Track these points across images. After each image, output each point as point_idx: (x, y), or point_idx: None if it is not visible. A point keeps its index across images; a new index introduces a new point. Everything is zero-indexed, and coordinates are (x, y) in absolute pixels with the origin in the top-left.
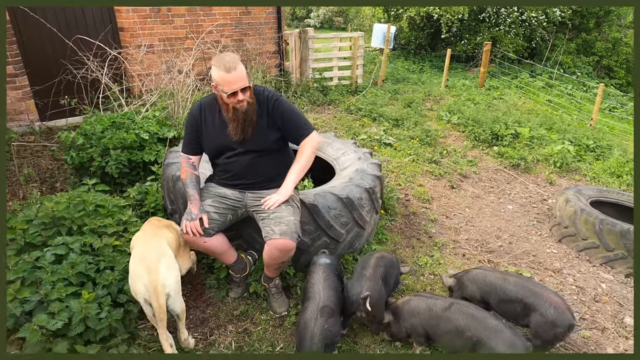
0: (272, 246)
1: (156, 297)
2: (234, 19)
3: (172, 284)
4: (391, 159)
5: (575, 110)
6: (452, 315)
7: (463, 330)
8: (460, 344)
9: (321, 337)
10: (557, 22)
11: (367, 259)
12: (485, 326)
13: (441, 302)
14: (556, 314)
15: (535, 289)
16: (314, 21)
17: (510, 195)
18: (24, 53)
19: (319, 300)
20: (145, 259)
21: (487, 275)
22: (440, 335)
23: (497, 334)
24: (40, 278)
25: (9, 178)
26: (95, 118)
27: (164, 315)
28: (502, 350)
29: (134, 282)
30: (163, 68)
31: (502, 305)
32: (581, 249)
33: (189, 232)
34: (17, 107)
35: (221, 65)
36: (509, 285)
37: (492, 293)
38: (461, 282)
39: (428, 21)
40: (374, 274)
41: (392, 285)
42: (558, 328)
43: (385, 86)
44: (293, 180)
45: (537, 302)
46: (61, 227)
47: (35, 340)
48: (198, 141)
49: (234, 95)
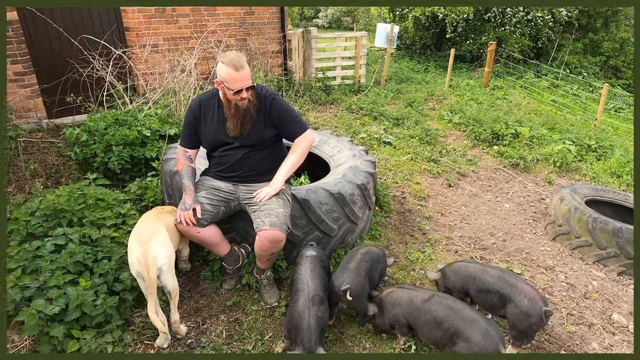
0: (262, 237)
1: (147, 269)
2: (238, 18)
3: (164, 259)
4: (389, 157)
5: (579, 110)
6: (431, 307)
7: (441, 322)
8: (439, 334)
9: (317, 325)
10: (564, 21)
11: (354, 253)
12: (462, 317)
13: (422, 293)
14: (529, 304)
15: (510, 280)
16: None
17: (508, 194)
18: (33, 52)
19: (308, 291)
20: (140, 234)
21: (469, 267)
22: (421, 325)
23: (472, 323)
24: (40, 266)
25: (16, 173)
26: (99, 115)
27: (154, 288)
28: (477, 339)
29: (129, 255)
30: (167, 67)
31: (480, 295)
32: (574, 247)
33: (183, 222)
34: (25, 104)
35: (230, 63)
36: (487, 276)
37: (472, 284)
38: (444, 273)
39: (433, 21)
40: (357, 267)
41: (376, 279)
42: (532, 318)
43: (388, 86)
44: (284, 174)
45: (512, 293)
46: (62, 218)
47: (32, 324)
48: (195, 135)
49: (239, 93)
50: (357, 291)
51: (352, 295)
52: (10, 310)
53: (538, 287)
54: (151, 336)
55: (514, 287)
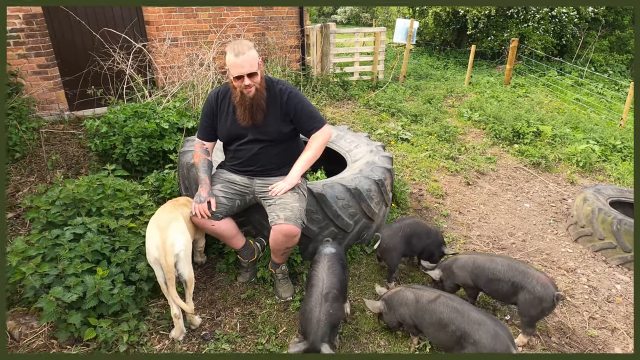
0: (277, 231)
1: (165, 255)
2: (257, 13)
3: (181, 246)
4: (407, 154)
5: (604, 109)
6: (437, 308)
7: (447, 324)
8: (445, 337)
9: (327, 321)
10: (590, 18)
11: (405, 218)
12: (469, 319)
13: (428, 294)
14: (542, 289)
15: (521, 268)
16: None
17: (529, 194)
18: (56, 45)
19: (322, 287)
20: (158, 221)
21: (476, 259)
22: (426, 326)
23: (480, 326)
24: (59, 254)
25: (38, 163)
26: (118, 108)
27: (172, 274)
28: (486, 341)
29: (147, 243)
30: (186, 61)
31: (490, 285)
32: (597, 249)
33: (198, 214)
34: (48, 97)
35: (231, 49)
36: (497, 265)
37: (481, 275)
38: (449, 270)
39: (454, 17)
40: (398, 228)
41: (417, 249)
42: (545, 303)
43: (407, 82)
44: (299, 169)
45: (525, 281)
46: (81, 208)
47: (51, 310)
48: (213, 128)
49: (240, 80)
50: (388, 247)
51: (381, 247)
52: (30, 296)
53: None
54: (166, 326)
55: (525, 274)
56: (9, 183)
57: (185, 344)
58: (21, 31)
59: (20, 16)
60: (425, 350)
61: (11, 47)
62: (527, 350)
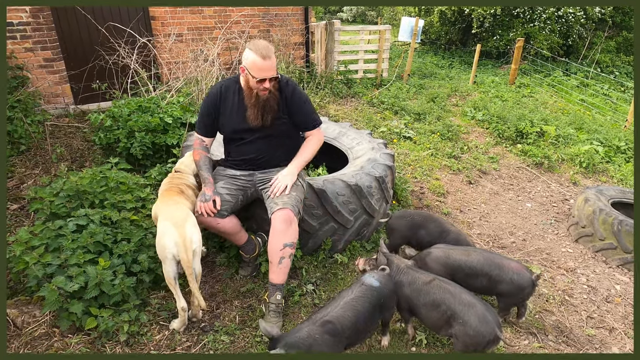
0: (275, 218)
1: (185, 250)
2: (262, 9)
3: (197, 242)
4: (409, 152)
5: (609, 110)
6: (431, 289)
7: (439, 304)
8: (436, 316)
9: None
10: (597, 19)
11: (424, 212)
12: (460, 300)
13: (424, 277)
14: (519, 278)
15: (496, 260)
16: (347, 14)
17: (531, 194)
18: (62, 39)
19: (325, 313)
20: (173, 217)
21: (451, 254)
22: (420, 307)
23: (470, 308)
24: (62, 245)
25: (43, 156)
26: (123, 102)
27: (191, 269)
28: (474, 323)
29: (163, 238)
30: (190, 56)
31: (468, 280)
32: (598, 250)
33: (204, 213)
34: (54, 90)
35: (258, 51)
36: (473, 260)
37: (458, 270)
38: (425, 264)
39: (460, 16)
40: (409, 214)
41: (424, 242)
42: (527, 289)
43: (411, 81)
44: (294, 170)
45: (501, 275)
46: (84, 200)
47: (53, 299)
48: (213, 124)
49: (261, 82)
50: (392, 226)
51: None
52: (33, 286)
53: (558, 289)
54: (166, 317)
55: (501, 267)
56: (14, 175)
57: (184, 335)
58: (28, 25)
59: (27, 10)
60: (421, 345)
61: (18, 40)
62: (523, 349)
